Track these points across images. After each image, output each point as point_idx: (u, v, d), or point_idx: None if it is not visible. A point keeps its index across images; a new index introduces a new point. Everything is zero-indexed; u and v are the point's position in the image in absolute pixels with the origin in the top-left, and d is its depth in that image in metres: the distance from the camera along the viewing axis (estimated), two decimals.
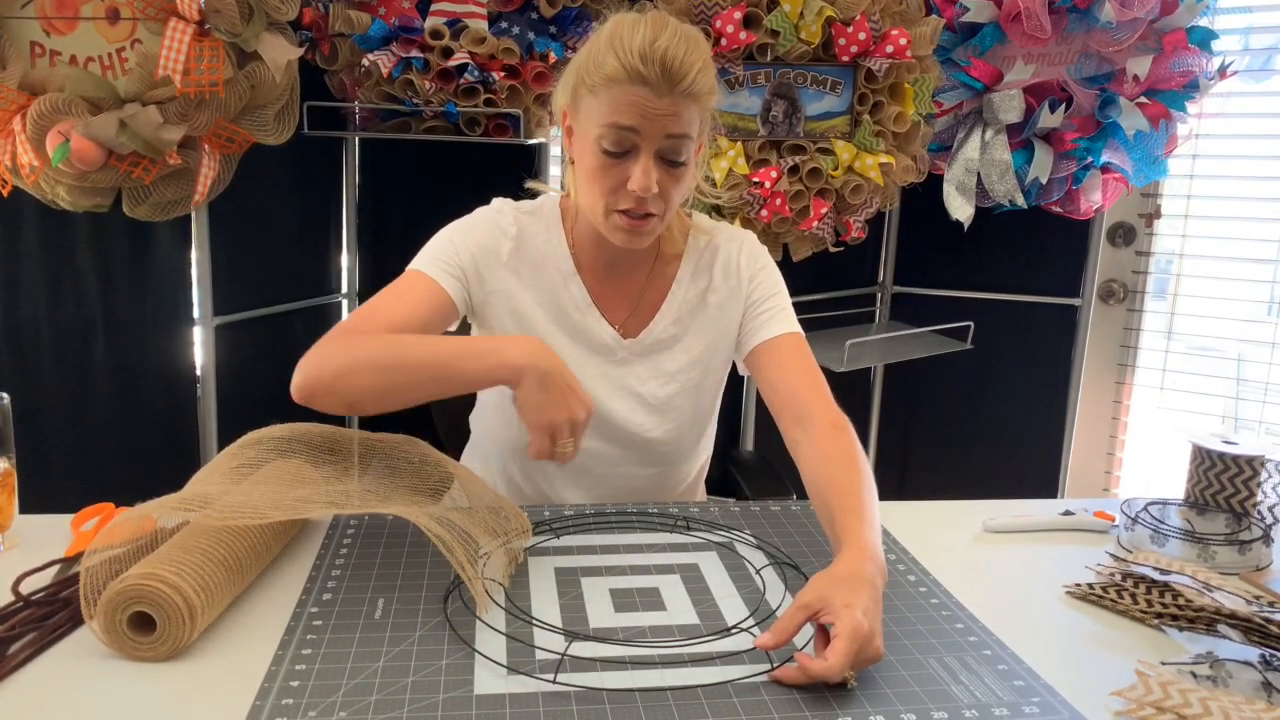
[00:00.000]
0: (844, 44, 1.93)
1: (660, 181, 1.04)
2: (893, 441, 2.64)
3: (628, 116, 1.01)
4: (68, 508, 1.07)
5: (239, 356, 1.96)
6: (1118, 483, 2.53)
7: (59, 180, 1.62)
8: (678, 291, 1.22)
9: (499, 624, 0.86)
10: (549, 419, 0.97)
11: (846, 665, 0.76)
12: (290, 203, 2.09)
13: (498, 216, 1.19)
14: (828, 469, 1.03)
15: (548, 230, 1.20)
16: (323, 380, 1.02)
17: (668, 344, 1.22)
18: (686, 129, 1.03)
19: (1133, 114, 2.00)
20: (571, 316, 1.19)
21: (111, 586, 0.78)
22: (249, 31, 1.64)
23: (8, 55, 1.63)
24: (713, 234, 1.24)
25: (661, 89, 0.99)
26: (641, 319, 1.21)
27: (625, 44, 0.99)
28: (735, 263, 1.22)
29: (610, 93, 1.01)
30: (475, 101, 1.89)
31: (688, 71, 1.00)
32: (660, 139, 1.02)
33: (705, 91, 1.03)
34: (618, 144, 1.03)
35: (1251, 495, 1.12)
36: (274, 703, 0.73)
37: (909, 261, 2.53)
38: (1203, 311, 2.38)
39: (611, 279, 1.20)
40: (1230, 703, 0.74)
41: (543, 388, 0.97)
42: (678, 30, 1.01)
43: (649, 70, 0.98)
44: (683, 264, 1.22)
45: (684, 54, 0.99)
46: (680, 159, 1.05)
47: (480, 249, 1.16)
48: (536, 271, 1.19)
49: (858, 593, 0.81)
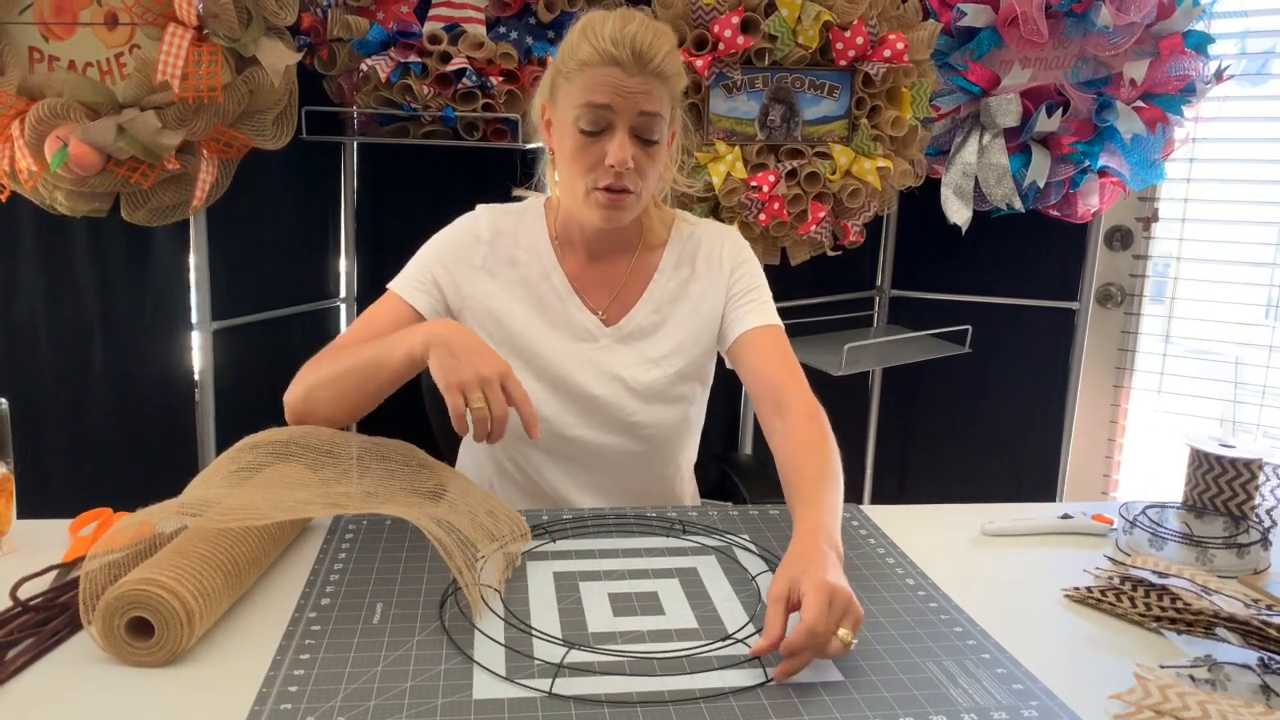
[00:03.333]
0: (841, 48, 1.93)
1: (636, 158, 1.12)
2: (891, 445, 2.64)
3: (602, 95, 1.09)
4: (66, 513, 1.07)
5: (237, 361, 1.96)
6: (1116, 486, 2.53)
7: (57, 185, 1.62)
8: (660, 280, 1.27)
9: (497, 633, 0.86)
10: (456, 378, 0.99)
11: (823, 618, 0.78)
12: (288, 207, 2.09)
13: (472, 223, 1.26)
14: (795, 456, 1.09)
15: (530, 226, 1.27)
16: (297, 407, 1.13)
17: (649, 330, 1.26)
18: (658, 107, 1.11)
19: (1130, 118, 2.00)
20: (553, 306, 1.24)
21: (109, 591, 0.78)
22: (247, 36, 1.64)
23: (6, 60, 1.63)
24: (695, 226, 1.30)
25: (633, 69, 1.08)
26: (623, 306, 1.26)
27: (597, 32, 1.09)
28: (718, 254, 1.28)
29: (585, 76, 1.09)
30: (473, 106, 1.90)
31: (656, 53, 1.08)
32: (634, 116, 1.10)
33: (673, 74, 1.12)
34: (594, 123, 1.10)
35: (1249, 498, 1.13)
36: (272, 707, 0.73)
37: (907, 265, 2.54)
38: (1200, 315, 2.38)
39: (593, 268, 1.26)
40: (1229, 706, 0.74)
41: (450, 354, 1.01)
42: (645, 20, 1.11)
43: (620, 52, 1.07)
44: (665, 253, 1.28)
45: (652, 38, 1.09)
46: (654, 137, 1.13)
47: (451, 259, 1.24)
48: (515, 268, 1.25)
49: (816, 562, 0.85)
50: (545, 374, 1.23)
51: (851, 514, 1.19)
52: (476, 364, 1.00)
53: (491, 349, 1.03)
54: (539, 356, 1.23)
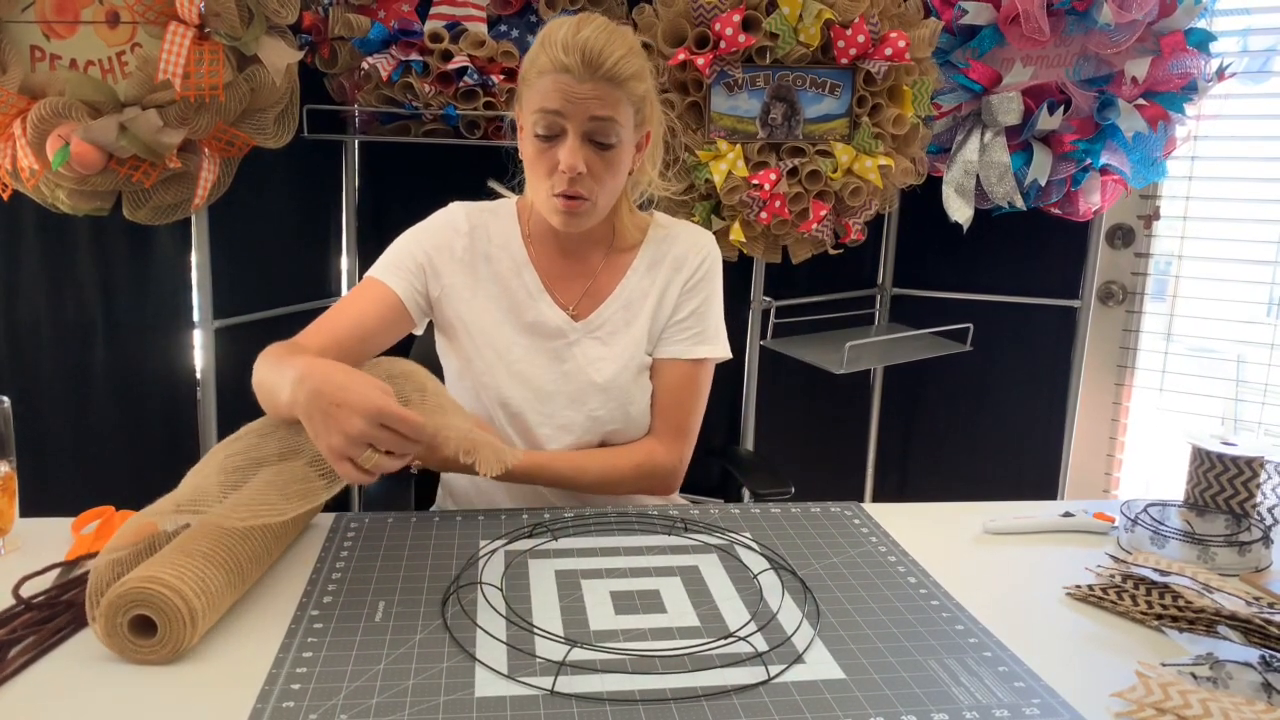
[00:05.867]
0: (843, 46, 1.93)
1: (589, 162, 1.13)
2: (892, 443, 2.64)
3: (553, 101, 1.11)
4: (68, 511, 1.07)
5: (239, 359, 1.96)
6: (1117, 484, 2.53)
7: (59, 184, 1.63)
8: (631, 279, 1.28)
9: (499, 631, 0.86)
10: (325, 446, 0.91)
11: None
12: (290, 206, 2.09)
13: (449, 216, 1.28)
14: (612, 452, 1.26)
15: (503, 224, 1.28)
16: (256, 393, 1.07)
17: (617, 327, 1.27)
18: (610, 112, 1.12)
19: (1131, 116, 2.00)
20: (523, 304, 1.26)
21: (113, 589, 0.78)
22: (249, 35, 1.64)
23: (8, 59, 1.63)
24: (670, 228, 1.32)
25: (582, 74, 1.09)
26: (593, 301, 1.28)
27: (552, 40, 1.11)
28: (686, 259, 1.29)
29: (541, 83, 1.12)
30: (474, 104, 1.90)
31: (606, 58, 1.09)
32: (585, 121, 1.11)
33: (628, 76, 1.12)
34: (547, 128, 1.12)
35: (1251, 496, 1.13)
36: (275, 705, 0.73)
37: (908, 263, 2.53)
38: (1202, 313, 2.38)
39: (564, 265, 1.28)
40: (1230, 704, 0.74)
41: (310, 418, 0.92)
42: (603, 24, 1.12)
43: (570, 59, 1.09)
44: (639, 254, 1.29)
45: (604, 43, 1.09)
46: (608, 141, 1.13)
47: (434, 246, 1.25)
48: (489, 264, 1.26)
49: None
50: (514, 369, 1.25)
51: (853, 512, 1.19)
52: (344, 422, 0.89)
53: (362, 379, 0.93)
54: (509, 353, 1.25)
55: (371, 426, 0.89)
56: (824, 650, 0.84)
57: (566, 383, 1.25)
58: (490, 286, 1.26)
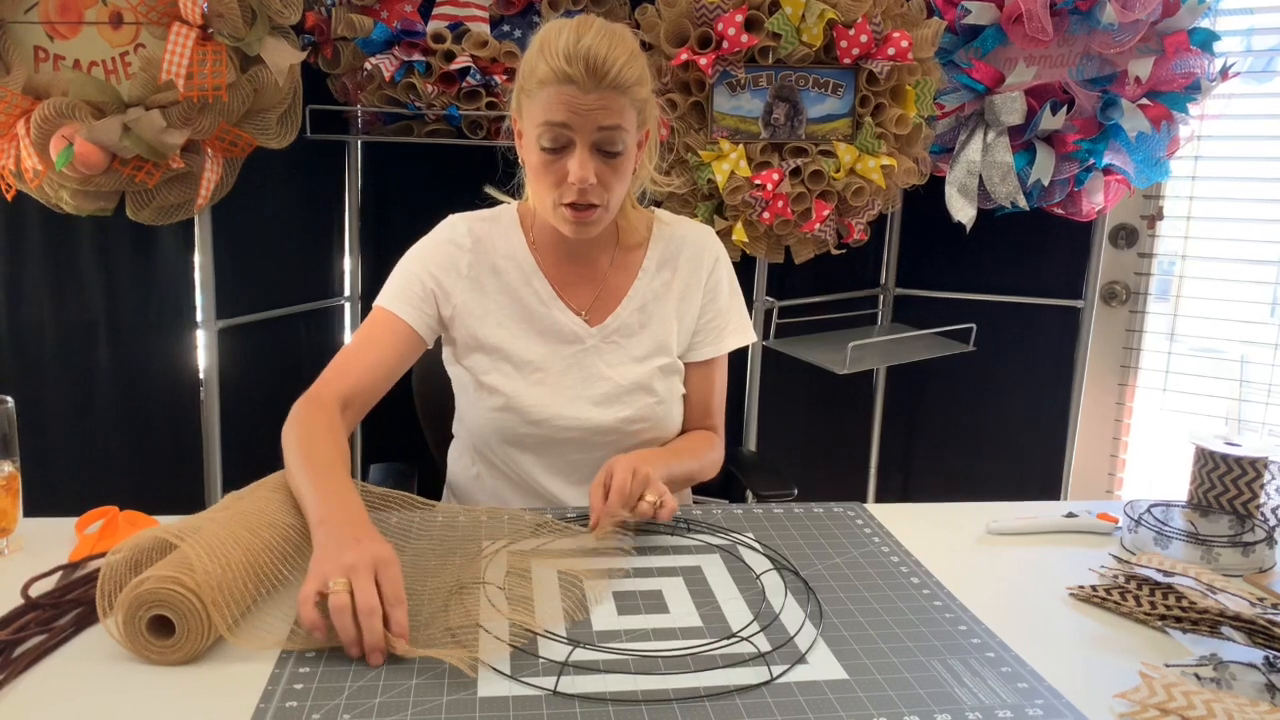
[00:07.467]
0: (845, 46, 1.93)
1: (599, 172, 1.11)
2: (895, 444, 2.64)
3: (559, 114, 1.08)
4: (71, 511, 1.07)
5: (242, 360, 1.96)
6: (1121, 485, 2.52)
7: (63, 184, 1.63)
8: (643, 279, 1.28)
9: (501, 631, 0.86)
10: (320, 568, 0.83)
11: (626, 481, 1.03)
12: (293, 206, 2.09)
13: (451, 232, 1.26)
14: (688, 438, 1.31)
15: (507, 233, 1.27)
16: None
17: (634, 329, 1.27)
18: (617, 120, 1.10)
19: (1134, 116, 1.99)
20: (536, 311, 1.25)
21: (136, 585, 0.78)
22: (252, 35, 1.64)
23: (12, 60, 1.64)
24: (674, 225, 1.32)
25: (588, 85, 1.06)
26: (606, 306, 1.27)
27: (552, 48, 1.07)
28: (700, 256, 1.30)
29: (543, 94, 1.09)
30: (477, 105, 1.90)
31: (611, 67, 1.06)
32: (593, 132, 1.09)
33: (632, 83, 1.10)
34: (554, 140, 1.10)
35: (1255, 497, 1.12)
36: (278, 705, 0.73)
37: (911, 263, 2.53)
38: (1205, 313, 2.37)
39: (573, 271, 1.27)
40: (1234, 704, 0.74)
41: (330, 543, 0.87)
42: (602, 29, 1.09)
43: (574, 70, 1.06)
44: (648, 253, 1.29)
45: (607, 51, 1.06)
46: (616, 149, 1.11)
47: (439, 267, 1.24)
48: (497, 276, 1.25)
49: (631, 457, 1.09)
50: (532, 379, 1.24)
51: (856, 512, 1.19)
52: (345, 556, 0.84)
53: (377, 538, 0.88)
54: (528, 364, 1.24)
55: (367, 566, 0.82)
56: (827, 651, 0.84)
57: (587, 387, 1.25)
58: (500, 299, 1.25)
